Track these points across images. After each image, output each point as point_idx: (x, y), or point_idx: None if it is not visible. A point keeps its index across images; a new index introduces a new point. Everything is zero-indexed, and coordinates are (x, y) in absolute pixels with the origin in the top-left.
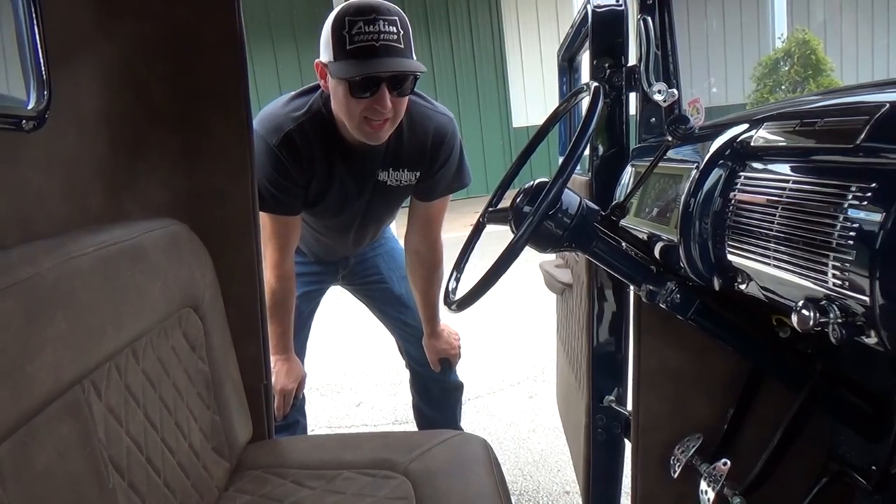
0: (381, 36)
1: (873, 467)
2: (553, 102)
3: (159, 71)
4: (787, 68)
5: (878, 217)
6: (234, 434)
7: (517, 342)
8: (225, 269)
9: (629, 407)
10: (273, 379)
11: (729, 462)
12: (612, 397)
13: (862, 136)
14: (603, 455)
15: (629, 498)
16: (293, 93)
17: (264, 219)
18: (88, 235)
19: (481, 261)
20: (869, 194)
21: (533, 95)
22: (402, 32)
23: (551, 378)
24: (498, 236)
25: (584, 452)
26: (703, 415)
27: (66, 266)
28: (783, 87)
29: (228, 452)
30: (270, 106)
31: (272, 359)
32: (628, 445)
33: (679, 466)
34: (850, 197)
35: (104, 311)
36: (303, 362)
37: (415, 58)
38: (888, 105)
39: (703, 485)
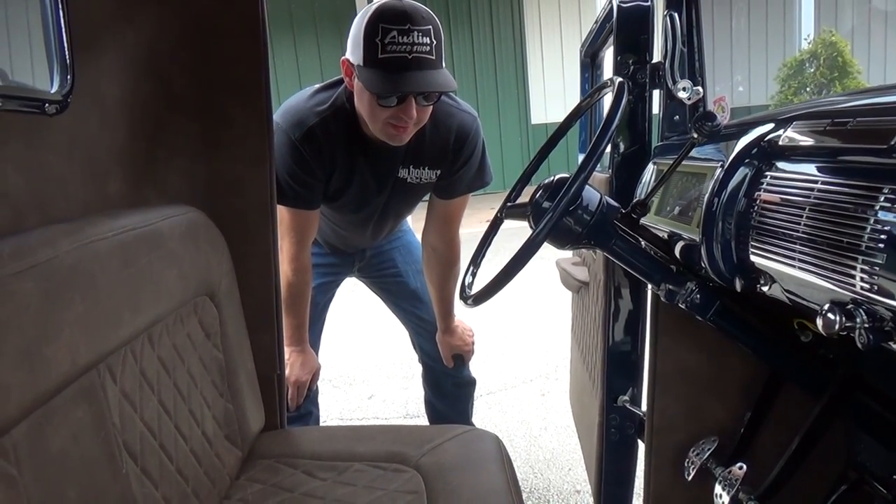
0: (414, 48)
1: (894, 476)
2: (572, 100)
3: (181, 58)
4: (812, 70)
5: None
6: (246, 423)
7: (531, 339)
8: (241, 258)
9: (643, 407)
10: (287, 370)
11: (745, 466)
12: (626, 397)
13: None
14: (616, 455)
15: (640, 499)
16: (317, 86)
17: (283, 212)
18: (107, 220)
19: (496, 256)
20: None
21: (552, 92)
22: (434, 43)
23: (564, 376)
24: (512, 232)
25: (596, 452)
26: (719, 418)
27: (85, 250)
28: (808, 88)
29: (241, 441)
30: (294, 99)
31: (287, 350)
32: (641, 446)
33: (693, 469)
34: (881, 199)
35: (121, 295)
36: (317, 354)
37: (444, 65)
38: None
39: (718, 488)
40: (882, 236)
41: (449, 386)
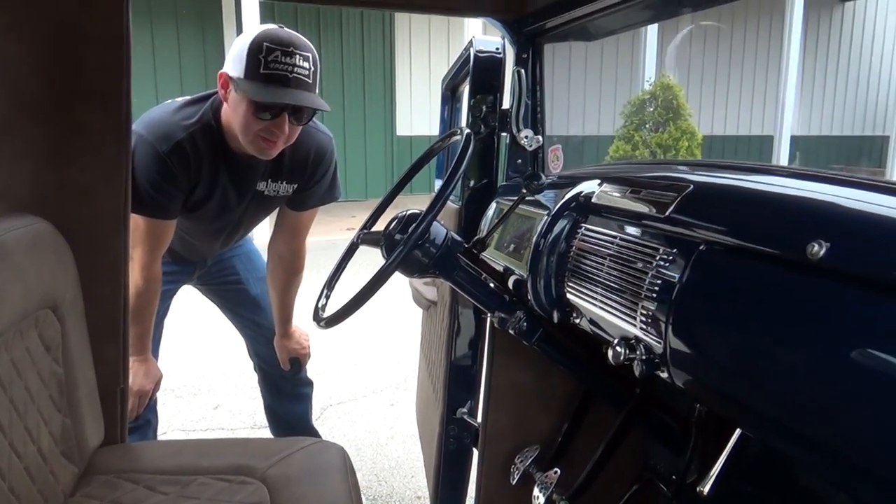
0: (295, 69)
1: (674, 477)
2: (437, 114)
3: (33, 62)
4: (651, 109)
5: (675, 276)
6: (84, 438)
7: (382, 351)
8: (88, 269)
9: (479, 419)
10: (130, 380)
11: (560, 470)
12: (465, 409)
13: (671, 208)
14: (453, 463)
15: (473, 502)
16: (183, 100)
17: (138, 220)
18: None
19: (345, 273)
20: (671, 257)
21: (419, 106)
22: (312, 69)
23: (413, 387)
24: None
25: (435, 460)
26: (542, 428)
27: None
28: (647, 125)
29: (77, 456)
30: (158, 111)
31: (129, 360)
32: (476, 454)
33: (518, 474)
34: (657, 257)
35: None
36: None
37: (317, 92)
38: (692, 185)
39: (536, 490)
40: (656, 286)
41: (288, 388)
